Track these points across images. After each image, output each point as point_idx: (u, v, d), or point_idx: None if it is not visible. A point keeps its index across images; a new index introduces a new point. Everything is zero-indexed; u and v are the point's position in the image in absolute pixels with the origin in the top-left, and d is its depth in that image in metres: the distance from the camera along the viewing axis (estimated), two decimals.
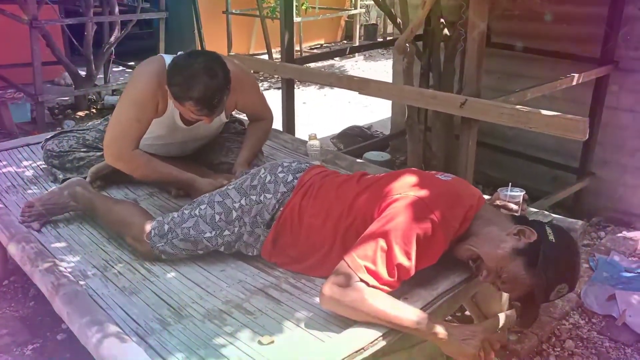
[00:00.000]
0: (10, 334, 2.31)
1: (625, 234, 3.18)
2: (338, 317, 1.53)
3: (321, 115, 5.89)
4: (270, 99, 2.72)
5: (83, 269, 1.88)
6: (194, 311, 1.65)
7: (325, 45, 9.73)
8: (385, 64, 8.31)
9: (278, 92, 6.36)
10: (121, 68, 6.97)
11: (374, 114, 5.96)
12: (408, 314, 1.44)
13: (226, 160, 2.47)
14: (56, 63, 5.58)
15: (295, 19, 7.09)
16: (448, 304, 1.69)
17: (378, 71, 7.60)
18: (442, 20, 3.14)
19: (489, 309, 2.13)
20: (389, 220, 1.51)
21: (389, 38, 9.98)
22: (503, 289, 1.62)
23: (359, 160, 2.70)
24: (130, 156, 2.14)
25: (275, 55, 8.16)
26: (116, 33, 5.71)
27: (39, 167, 2.68)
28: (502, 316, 1.95)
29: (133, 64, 6.67)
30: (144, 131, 2.16)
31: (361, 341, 1.41)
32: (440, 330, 1.44)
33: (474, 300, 2.11)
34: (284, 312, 1.63)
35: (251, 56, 7.23)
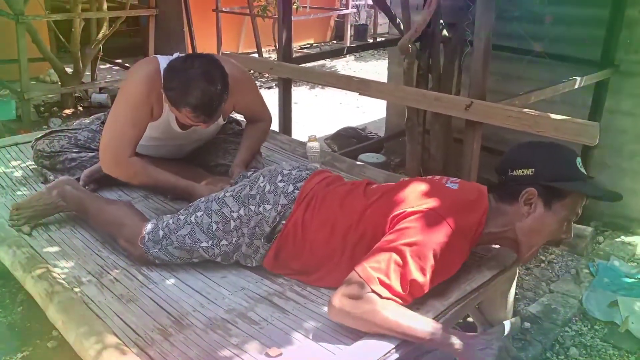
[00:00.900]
0: None
1: (623, 238, 3.16)
2: (348, 329, 1.47)
3: (313, 115, 5.83)
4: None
5: (77, 275, 1.80)
6: (196, 320, 1.59)
7: (315, 44, 9.67)
8: (375, 64, 8.29)
9: (268, 92, 6.31)
10: (108, 65, 6.86)
11: (366, 114, 5.92)
12: (422, 325, 1.39)
13: (223, 162, 2.40)
14: (42, 59, 5.45)
15: None
16: (457, 313, 1.64)
17: (369, 72, 7.57)
18: (442, 22, 3.10)
19: (493, 316, 2.09)
20: (402, 234, 1.45)
21: (380, 39, 9.99)
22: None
23: (358, 163, 2.64)
24: (127, 163, 2.07)
25: (265, 55, 8.09)
26: (104, 30, 5.59)
27: (29, 167, 2.58)
28: (507, 323, 1.92)
29: (120, 61, 6.58)
30: (140, 136, 2.08)
31: (374, 354, 1.36)
32: (456, 340, 1.39)
33: (478, 307, 2.07)
34: (290, 322, 1.56)
35: (244, 55, 7.15)
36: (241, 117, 2.55)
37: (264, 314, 1.61)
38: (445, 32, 3.13)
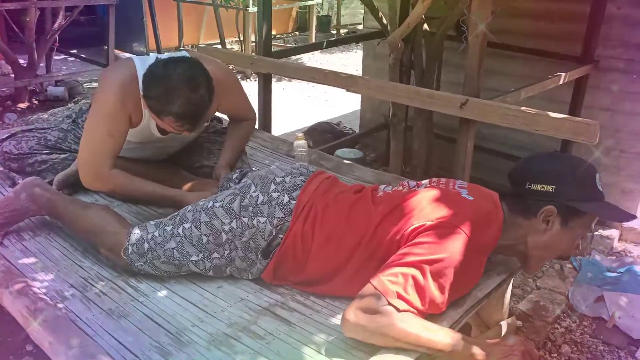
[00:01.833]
0: None
1: (601, 232, 3.21)
2: (361, 342, 1.39)
3: (281, 109, 5.72)
4: None
5: (59, 289, 1.66)
6: (196, 336, 1.48)
7: (278, 36, 9.51)
8: (341, 56, 8.23)
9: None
10: (64, 56, 6.56)
11: (335, 108, 5.86)
12: (442, 337, 1.33)
13: (207, 164, 2.28)
14: None
15: (250, 9, 6.90)
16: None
17: (335, 64, 7.51)
18: (423, 16, 3.04)
19: (491, 318, 2.06)
20: (421, 249, 1.38)
21: (342, 30, 9.93)
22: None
23: (345, 162, 2.56)
24: (107, 176, 1.93)
25: (229, 46, 7.90)
26: (60, 19, 5.32)
27: None
28: (504, 324, 1.89)
29: (76, 51, 6.29)
30: (119, 146, 1.94)
31: None
32: (477, 350, 1.34)
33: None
34: (299, 335, 1.48)
35: (208, 47, 6.95)
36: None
37: (269, 327, 1.51)
38: (426, 26, 3.07)
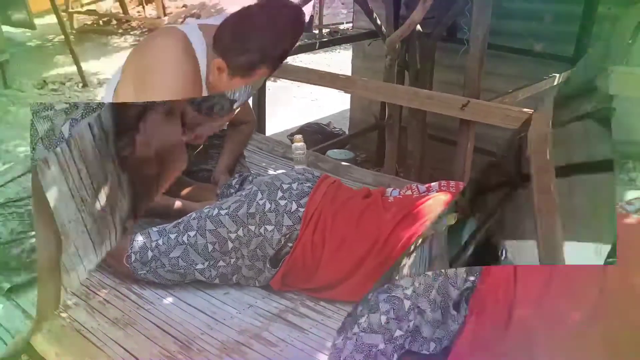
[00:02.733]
0: None
1: None
2: None
3: (268, 110, 5.68)
4: None
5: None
6: (207, 344, 1.46)
7: None
8: (324, 56, 8.20)
9: None
10: None
11: (322, 109, 5.84)
12: None
13: (206, 168, 2.25)
14: None
15: None
16: None
17: (320, 64, 7.46)
18: None
19: None
20: None
21: (325, 30, 9.91)
22: None
23: (343, 164, 2.55)
24: None
25: None
26: None
27: None
28: None
29: None
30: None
31: None
32: None
33: None
34: (312, 342, 1.46)
35: None
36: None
37: (281, 333, 1.49)
38: (419, 27, 3.07)
